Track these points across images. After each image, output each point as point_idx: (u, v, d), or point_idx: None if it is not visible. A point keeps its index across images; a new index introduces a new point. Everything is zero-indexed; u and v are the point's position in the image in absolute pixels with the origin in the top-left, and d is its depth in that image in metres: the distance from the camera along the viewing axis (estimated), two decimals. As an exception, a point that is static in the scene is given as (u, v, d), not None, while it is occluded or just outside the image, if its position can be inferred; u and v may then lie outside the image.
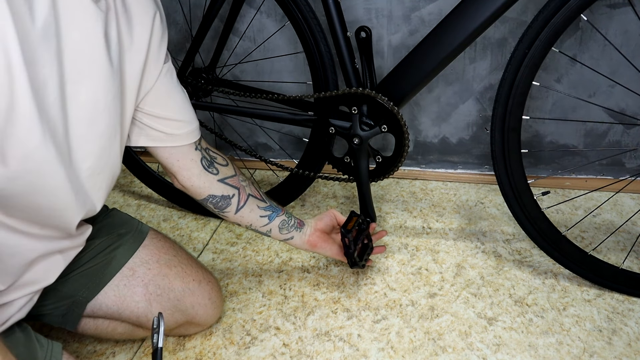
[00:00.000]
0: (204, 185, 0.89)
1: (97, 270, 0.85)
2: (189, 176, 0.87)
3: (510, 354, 0.91)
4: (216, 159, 0.91)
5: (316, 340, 0.96)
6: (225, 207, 0.92)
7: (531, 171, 1.37)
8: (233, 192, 0.92)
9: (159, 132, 0.81)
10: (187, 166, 0.87)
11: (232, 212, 0.93)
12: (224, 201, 0.92)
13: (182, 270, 0.91)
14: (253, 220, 0.96)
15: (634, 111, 1.24)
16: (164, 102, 0.80)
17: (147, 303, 0.87)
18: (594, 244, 1.15)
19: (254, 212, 0.95)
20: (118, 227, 0.90)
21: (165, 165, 0.87)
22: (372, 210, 1.12)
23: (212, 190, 0.90)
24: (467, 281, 1.08)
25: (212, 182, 0.90)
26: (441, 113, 1.35)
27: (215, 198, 0.91)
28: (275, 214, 0.97)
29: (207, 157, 0.90)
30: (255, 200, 0.95)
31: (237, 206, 0.93)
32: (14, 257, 0.69)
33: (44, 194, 0.64)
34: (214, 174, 0.90)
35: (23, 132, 0.57)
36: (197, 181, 0.88)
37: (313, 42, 1.06)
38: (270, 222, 0.97)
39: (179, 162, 0.86)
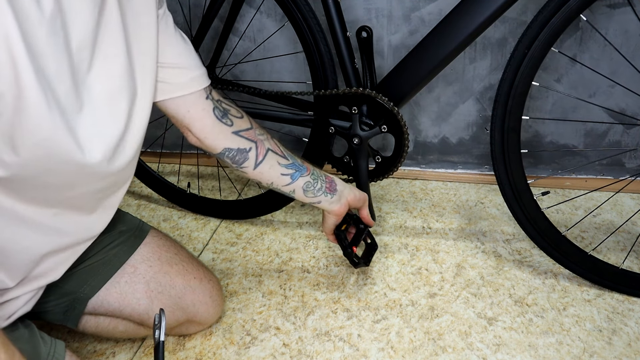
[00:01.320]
0: (218, 137, 0.85)
1: (99, 267, 0.86)
2: (201, 127, 0.83)
3: (510, 354, 0.92)
4: (230, 110, 0.87)
5: (316, 340, 0.96)
6: (243, 162, 0.88)
7: (531, 171, 1.37)
8: (250, 145, 0.88)
9: (162, 83, 0.78)
10: (199, 116, 0.82)
11: (251, 168, 0.89)
12: (241, 155, 0.87)
13: (183, 268, 0.92)
14: (274, 177, 0.90)
15: (634, 111, 1.24)
16: (163, 48, 0.76)
17: (149, 300, 0.87)
18: (594, 244, 1.15)
19: (274, 169, 0.90)
20: (119, 224, 0.90)
21: (177, 118, 0.83)
22: (371, 210, 1.12)
23: (227, 142, 0.86)
24: (467, 281, 1.08)
25: (227, 133, 0.85)
26: (441, 113, 1.35)
27: (232, 151, 0.87)
28: (299, 173, 0.92)
29: (220, 107, 0.86)
30: (275, 156, 0.90)
31: (256, 161, 0.88)
32: (27, 252, 0.69)
33: (56, 174, 0.64)
34: (228, 125, 0.86)
35: (32, 123, 0.57)
36: (210, 133, 0.84)
37: (313, 42, 1.06)
38: (293, 182, 0.91)
39: (190, 113, 0.82)
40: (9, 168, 0.59)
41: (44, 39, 0.57)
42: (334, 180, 0.97)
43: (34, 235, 0.69)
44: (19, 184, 0.63)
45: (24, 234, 0.68)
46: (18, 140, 0.57)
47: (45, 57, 0.57)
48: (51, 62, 0.58)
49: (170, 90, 0.79)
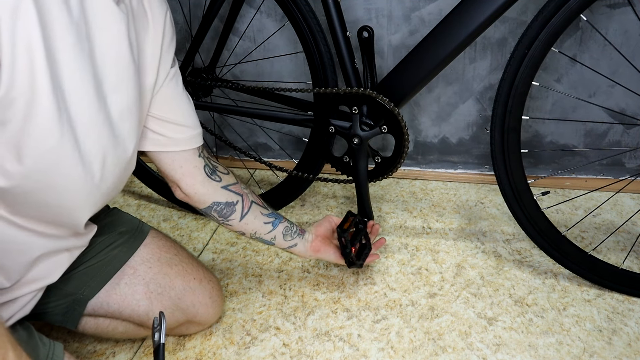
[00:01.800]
0: (207, 192, 0.88)
1: (98, 268, 0.86)
2: (192, 183, 0.86)
3: (510, 354, 0.92)
4: (217, 167, 0.91)
5: (316, 340, 0.96)
6: (230, 215, 0.91)
7: (531, 171, 1.37)
8: (237, 198, 0.92)
9: (162, 137, 0.81)
10: (190, 173, 0.86)
11: (237, 220, 0.92)
12: (229, 208, 0.91)
13: (183, 269, 0.92)
14: (258, 227, 0.95)
15: (634, 111, 1.24)
16: (170, 105, 0.80)
17: (148, 301, 0.87)
18: (594, 244, 1.15)
19: (258, 219, 0.94)
20: (119, 225, 0.90)
21: (168, 172, 0.86)
22: (369, 210, 1.12)
23: (216, 197, 0.89)
24: (467, 281, 1.08)
25: (216, 189, 0.89)
26: (441, 113, 1.35)
27: (220, 205, 0.90)
28: (278, 220, 0.97)
29: (210, 165, 0.89)
30: (258, 207, 0.95)
31: (242, 213, 0.92)
32: (21, 254, 0.70)
33: (55, 192, 0.64)
34: (217, 181, 0.89)
35: (41, 133, 0.58)
36: (200, 188, 0.87)
37: (313, 42, 1.06)
38: (274, 229, 0.96)
39: (182, 169, 0.85)
40: (11, 178, 0.59)
41: (68, 48, 0.58)
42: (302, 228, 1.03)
43: (30, 238, 0.69)
44: (16, 198, 0.62)
45: (19, 237, 0.68)
46: (24, 149, 0.58)
47: (66, 65, 0.59)
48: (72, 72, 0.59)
49: (168, 144, 0.82)
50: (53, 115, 0.58)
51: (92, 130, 0.64)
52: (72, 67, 0.59)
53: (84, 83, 0.62)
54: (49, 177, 0.62)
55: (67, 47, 0.58)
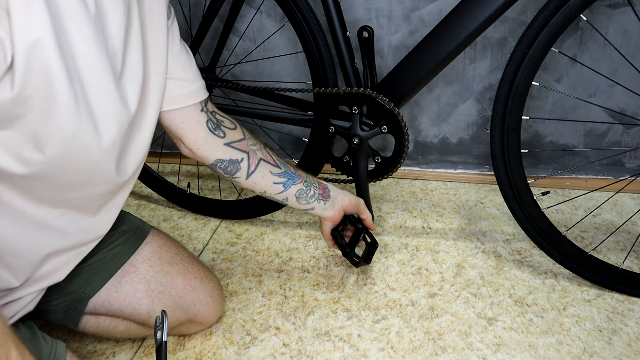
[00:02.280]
0: (210, 149, 0.86)
1: (100, 266, 0.86)
2: (194, 139, 0.84)
3: (510, 354, 0.92)
4: (223, 122, 0.88)
5: (316, 340, 0.96)
6: (235, 172, 0.89)
7: (531, 171, 1.37)
8: (242, 155, 0.89)
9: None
10: (192, 128, 0.83)
11: (243, 178, 0.90)
12: (233, 165, 0.88)
13: (183, 268, 0.92)
14: (266, 186, 0.92)
15: (634, 111, 1.24)
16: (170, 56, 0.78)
17: (149, 300, 0.87)
18: (594, 244, 1.15)
19: (266, 178, 0.91)
20: (120, 224, 0.90)
21: (170, 128, 0.84)
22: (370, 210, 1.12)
23: (219, 154, 0.87)
24: (467, 281, 1.08)
25: (219, 145, 0.87)
26: (441, 113, 1.35)
27: (224, 162, 0.88)
28: (292, 181, 0.93)
29: (214, 119, 0.86)
30: (267, 165, 0.91)
31: (248, 171, 0.89)
32: (30, 252, 0.70)
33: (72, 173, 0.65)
34: (220, 137, 0.87)
35: (59, 124, 0.58)
36: (203, 144, 0.85)
37: (313, 42, 1.06)
38: (285, 190, 0.93)
39: (184, 124, 0.83)
40: (31, 166, 0.60)
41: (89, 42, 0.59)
42: (327, 186, 0.99)
43: (39, 235, 0.69)
44: (34, 182, 0.63)
45: (29, 233, 0.68)
46: (43, 138, 0.58)
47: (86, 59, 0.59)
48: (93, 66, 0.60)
49: (168, 102, 0.80)
50: (71, 106, 0.58)
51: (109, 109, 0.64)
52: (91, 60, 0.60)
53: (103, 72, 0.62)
54: (69, 160, 0.63)
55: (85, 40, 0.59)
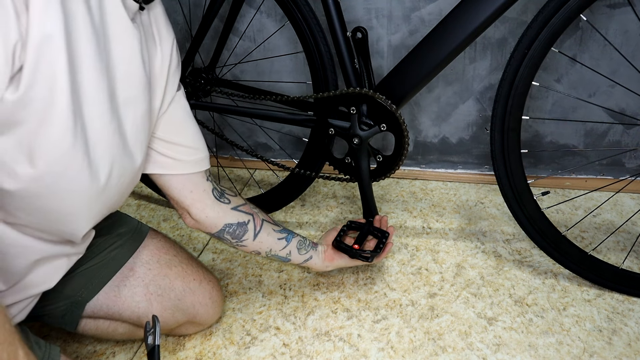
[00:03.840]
0: (218, 215, 0.87)
1: (97, 270, 0.85)
2: (202, 207, 0.86)
3: (510, 354, 0.92)
4: (225, 190, 0.91)
5: (316, 340, 0.96)
6: (243, 235, 0.91)
7: (531, 171, 1.37)
8: (248, 218, 0.91)
9: (170, 159, 0.81)
10: (200, 197, 0.85)
11: (251, 239, 0.92)
12: (241, 228, 0.90)
13: (182, 270, 0.92)
14: (272, 244, 0.94)
15: (634, 111, 1.24)
16: (177, 127, 0.80)
17: (148, 303, 0.87)
18: (594, 244, 1.15)
19: (271, 236, 0.94)
20: (117, 227, 0.90)
21: (178, 198, 0.85)
22: (374, 210, 1.12)
23: (228, 218, 0.89)
24: (467, 281, 1.08)
25: (226, 211, 0.89)
26: (441, 113, 1.35)
27: (232, 226, 0.89)
28: (291, 235, 0.97)
29: (218, 188, 0.89)
30: (270, 225, 0.95)
31: (255, 231, 0.92)
32: (19, 257, 0.69)
33: (59, 197, 0.64)
34: (226, 204, 0.89)
35: (55, 136, 0.58)
36: (211, 212, 0.86)
37: (313, 42, 1.06)
38: (288, 244, 0.96)
39: (192, 194, 0.84)
40: (20, 181, 0.59)
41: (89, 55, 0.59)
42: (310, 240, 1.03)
43: (26, 242, 0.69)
44: (19, 202, 0.62)
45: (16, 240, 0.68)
46: (37, 151, 0.58)
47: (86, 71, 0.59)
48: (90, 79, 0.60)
49: (175, 166, 0.82)
50: (69, 119, 0.58)
51: (103, 138, 0.65)
52: (91, 75, 0.60)
53: (100, 92, 0.62)
54: (57, 181, 0.62)
55: (88, 54, 0.59)
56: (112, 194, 0.71)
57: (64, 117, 0.57)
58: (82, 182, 0.64)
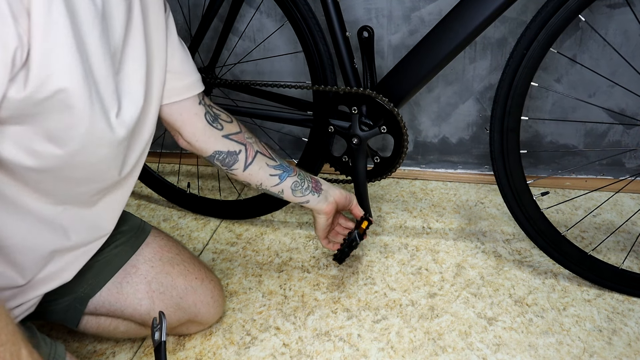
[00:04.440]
0: (208, 141, 0.87)
1: (100, 266, 0.86)
2: (193, 131, 0.86)
3: (510, 354, 0.92)
4: (220, 115, 0.90)
5: (316, 340, 0.96)
6: (232, 164, 0.90)
7: (531, 171, 1.37)
8: (239, 147, 0.90)
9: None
10: (190, 121, 0.85)
11: (241, 169, 0.91)
12: (231, 157, 0.90)
13: (184, 269, 0.92)
14: (263, 178, 0.93)
15: (634, 111, 1.24)
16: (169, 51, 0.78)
17: (150, 301, 0.87)
18: (594, 244, 1.15)
19: (263, 170, 0.93)
20: (120, 224, 0.90)
21: (169, 121, 0.85)
22: (368, 210, 1.12)
23: (218, 146, 0.88)
24: (467, 281, 1.08)
25: (217, 137, 0.88)
26: (441, 113, 1.35)
27: (222, 154, 0.89)
28: (287, 174, 0.95)
29: (211, 112, 0.88)
30: (263, 158, 0.93)
31: (245, 163, 0.91)
32: (35, 249, 0.70)
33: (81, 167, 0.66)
34: (218, 129, 0.88)
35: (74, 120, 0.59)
36: (201, 136, 0.86)
37: (312, 42, 1.06)
38: (281, 182, 0.94)
39: (182, 117, 0.84)
40: (43, 159, 0.61)
41: (97, 41, 0.60)
42: (319, 180, 1.00)
43: (44, 231, 0.69)
44: (42, 176, 0.63)
45: (34, 230, 0.68)
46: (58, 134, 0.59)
47: (96, 57, 0.60)
48: (100, 63, 0.61)
49: (167, 95, 0.81)
50: (86, 107, 0.59)
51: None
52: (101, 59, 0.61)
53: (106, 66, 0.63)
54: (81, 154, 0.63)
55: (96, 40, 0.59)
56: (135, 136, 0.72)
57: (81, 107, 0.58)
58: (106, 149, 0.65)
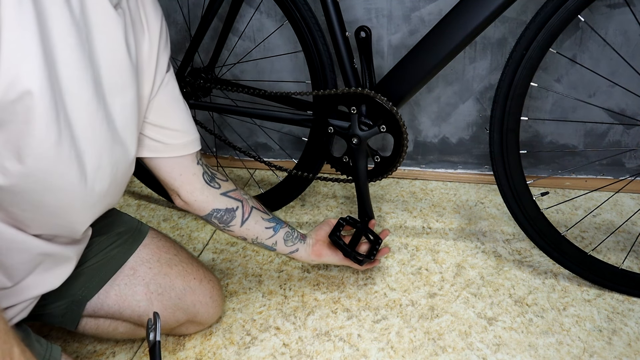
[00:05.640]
0: (207, 200, 0.88)
1: (97, 269, 0.86)
2: (191, 190, 0.87)
3: (510, 354, 0.92)
4: (216, 175, 0.91)
5: (316, 340, 0.96)
6: (230, 221, 0.92)
7: (531, 171, 1.37)
8: (237, 204, 0.92)
9: (159, 143, 0.81)
10: (189, 180, 0.86)
11: (238, 225, 0.93)
12: (229, 214, 0.91)
13: (183, 269, 0.92)
14: (259, 232, 0.95)
15: (633, 111, 1.24)
16: (166, 110, 0.80)
17: (148, 302, 0.87)
18: (594, 244, 1.15)
19: (259, 224, 0.94)
20: (117, 226, 0.90)
21: (168, 180, 0.86)
22: (370, 210, 1.12)
23: (216, 204, 0.90)
24: (467, 281, 1.08)
25: (215, 195, 0.89)
26: (441, 113, 1.35)
27: (220, 212, 0.90)
28: (279, 225, 0.97)
29: (208, 172, 0.89)
30: (259, 212, 0.95)
31: (242, 218, 0.93)
32: (22, 252, 0.69)
33: (52, 192, 0.64)
34: (216, 188, 0.90)
35: (39, 133, 0.58)
36: (200, 195, 0.88)
37: (312, 41, 1.06)
38: (275, 234, 0.96)
39: (181, 177, 0.85)
40: (11, 177, 0.59)
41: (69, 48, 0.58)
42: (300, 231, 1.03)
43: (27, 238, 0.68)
44: (14, 198, 0.62)
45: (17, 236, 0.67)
46: (25, 149, 0.58)
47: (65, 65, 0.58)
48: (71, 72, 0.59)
49: (165, 150, 0.82)
50: (50, 116, 0.57)
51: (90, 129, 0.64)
52: (72, 68, 0.59)
53: (83, 83, 0.61)
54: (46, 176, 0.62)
55: (67, 47, 0.58)
56: (106, 186, 0.70)
57: (44, 115, 0.57)
58: (72, 175, 0.64)
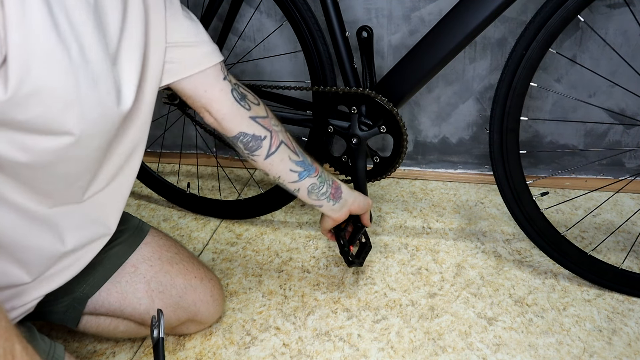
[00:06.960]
0: (235, 120, 0.84)
1: (98, 266, 0.85)
2: (219, 108, 0.82)
3: (510, 354, 0.92)
4: (247, 95, 0.87)
5: (316, 340, 0.96)
6: (255, 149, 0.87)
7: (531, 171, 1.37)
8: (265, 133, 0.87)
9: (174, 64, 0.76)
10: (216, 97, 0.81)
11: (262, 157, 0.87)
12: (255, 142, 0.86)
13: (184, 268, 0.92)
14: (282, 172, 0.90)
15: (633, 111, 1.24)
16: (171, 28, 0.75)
17: (149, 300, 0.87)
18: (594, 244, 1.15)
19: (284, 163, 0.89)
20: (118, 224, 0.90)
21: (194, 99, 0.81)
22: (369, 211, 1.12)
23: (244, 127, 0.85)
24: (467, 281, 1.08)
25: (244, 117, 0.84)
26: (441, 113, 1.35)
27: (247, 137, 0.85)
28: (307, 173, 0.91)
29: (238, 90, 0.85)
30: (287, 150, 0.89)
31: (268, 151, 0.87)
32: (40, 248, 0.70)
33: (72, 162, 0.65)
34: (246, 109, 0.84)
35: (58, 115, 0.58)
36: (228, 113, 0.83)
37: (311, 42, 1.06)
38: (299, 181, 0.91)
39: (207, 94, 0.81)
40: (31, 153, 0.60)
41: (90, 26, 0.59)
42: (341, 187, 0.97)
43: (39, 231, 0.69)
44: (36, 172, 0.63)
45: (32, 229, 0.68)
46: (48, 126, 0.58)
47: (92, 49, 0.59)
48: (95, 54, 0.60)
49: (183, 69, 0.78)
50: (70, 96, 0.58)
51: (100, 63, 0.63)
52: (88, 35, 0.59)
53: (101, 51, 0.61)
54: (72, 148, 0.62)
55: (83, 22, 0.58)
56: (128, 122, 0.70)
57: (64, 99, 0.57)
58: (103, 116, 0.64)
